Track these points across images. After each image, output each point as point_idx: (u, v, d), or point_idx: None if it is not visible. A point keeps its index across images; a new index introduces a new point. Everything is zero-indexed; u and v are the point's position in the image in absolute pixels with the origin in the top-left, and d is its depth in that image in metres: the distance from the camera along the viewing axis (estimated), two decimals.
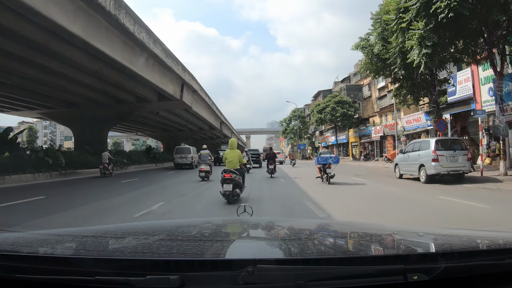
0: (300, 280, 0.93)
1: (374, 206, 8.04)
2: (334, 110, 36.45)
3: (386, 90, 34.37)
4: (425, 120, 25.11)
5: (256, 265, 0.92)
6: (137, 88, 22.71)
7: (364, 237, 1.62)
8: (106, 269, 0.98)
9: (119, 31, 15.33)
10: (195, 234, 1.71)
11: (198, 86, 29.72)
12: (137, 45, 17.20)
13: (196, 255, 1.19)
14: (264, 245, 1.50)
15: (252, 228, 1.88)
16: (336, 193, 10.36)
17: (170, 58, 21.45)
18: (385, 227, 2.21)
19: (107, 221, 6.33)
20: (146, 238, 1.54)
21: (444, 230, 1.75)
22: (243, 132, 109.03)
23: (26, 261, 1.04)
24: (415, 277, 0.96)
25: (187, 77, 25.54)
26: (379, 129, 33.58)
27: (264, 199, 9.23)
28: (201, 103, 33.32)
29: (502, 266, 1.03)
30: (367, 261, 1.11)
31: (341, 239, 1.62)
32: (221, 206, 7.80)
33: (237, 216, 2.25)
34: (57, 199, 9.74)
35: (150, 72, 19.75)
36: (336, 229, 1.93)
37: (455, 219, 6.28)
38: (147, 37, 17.43)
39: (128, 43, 16.55)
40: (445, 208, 7.52)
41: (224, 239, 1.63)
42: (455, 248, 1.23)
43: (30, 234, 1.57)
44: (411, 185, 12.68)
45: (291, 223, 2.25)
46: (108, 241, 1.47)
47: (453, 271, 0.99)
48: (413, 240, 1.53)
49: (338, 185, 12.14)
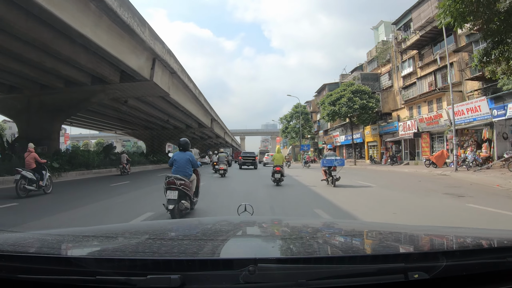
0: (301, 279, 0.92)
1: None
2: (351, 101, 29.08)
3: (415, 77, 27.64)
4: (489, 109, 18.21)
5: (257, 264, 0.92)
6: (88, 61, 15.61)
7: (365, 236, 1.63)
8: (107, 269, 0.98)
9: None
10: (195, 234, 1.70)
11: (178, 66, 22.56)
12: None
13: (197, 255, 1.20)
14: (264, 244, 1.49)
15: (253, 227, 1.89)
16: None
17: (129, 12, 14.25)
18: (386, 226, 2.21)
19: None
20: (146, 238, 1.54)
21: (445, 229, 1.88)
22: (238, 133, 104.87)
23: (27, 261, 1.05)
24: (416, 275, 0.95)
25: (160, 49, 18.33)
26: (411, 124, 26.35)
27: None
28: (183, 90, 26.10)
29: (503, 265, 1.02)
30: (368, 259, 1.10)
31: (342, 238, 1.60)
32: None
33: (238, 215, 2.23)
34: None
35: (92, 25, 12.58)
36: (337, 228, 1.96)
37: None
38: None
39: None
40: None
41: (225, 238, 1.60)
42: (456, 247, 1.29)
43: (31, 234, 1.61)
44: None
45: (291, 222, 2.23)
46: (109, 241, 1.47)
47: (454, 269, 0.99)
48: (414, 238, 1.53)
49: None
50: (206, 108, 37.49)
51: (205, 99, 36.13)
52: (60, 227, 7.71)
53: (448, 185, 11.83)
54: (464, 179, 13.96)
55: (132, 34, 15.16)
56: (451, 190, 10.10)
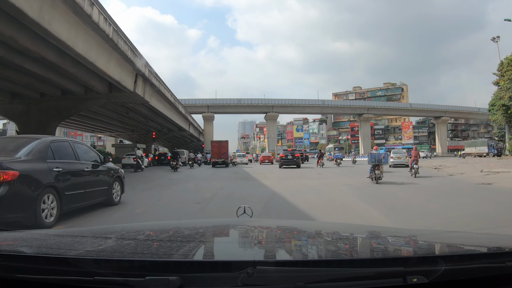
0: (299, 282, 0.93)
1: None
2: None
3: None
4: None
5: (256, 266, 0.92)
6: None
7: (364, 239, 1.64)
8: (105, 269, 0.98)
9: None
10: (194, 235, 1.71)
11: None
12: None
13: (195, 256, 1.23)
14: (263, 246, 1.50)
15: (252, 230, 1.89)
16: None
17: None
18: (385, 229, 2.28)
19: None
20: (145, 239, 1.56)
21: (444, 233, 1.95)
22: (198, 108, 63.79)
23: (26, 261, 1.05)
24: (414, 279, 0.96)
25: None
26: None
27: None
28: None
29: (502, 269, 1.03)
30: (367, 263, 1.10)
31: (340, 241, 1.60)
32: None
33: (237, 217, 2.20)
34: None
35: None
36: (336, 230, 1.93)
37: None
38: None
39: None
40: None
41: (224, 240, 1.65)
42: (455, 251, 1.29)
43: (29, 234, 1.63)
44: None
45: (290, 225, 2.28)
46: (108, 242, 1.47)
47: (453, 274, 0.99)
48: (413, 242, 1.53)
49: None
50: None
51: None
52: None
53: None
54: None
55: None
56: None
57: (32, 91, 23.59)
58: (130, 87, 22.40)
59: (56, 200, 5.66)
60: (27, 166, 5.36)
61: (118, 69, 19.93)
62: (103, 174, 7.47)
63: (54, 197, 5.64)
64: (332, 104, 74.82)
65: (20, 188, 5.11)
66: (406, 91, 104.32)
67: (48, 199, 5.50)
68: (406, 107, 78.09)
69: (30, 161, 5.51)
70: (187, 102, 59.60)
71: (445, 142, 77.77)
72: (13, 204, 4.97)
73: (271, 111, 66.28)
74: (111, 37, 16.68)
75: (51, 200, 5.56)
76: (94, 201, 7.07)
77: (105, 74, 18.76)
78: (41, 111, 24.98)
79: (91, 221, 6.17)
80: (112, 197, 7.70)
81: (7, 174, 4.86)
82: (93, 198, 7.04)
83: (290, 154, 26.76)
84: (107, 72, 18.56)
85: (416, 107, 76.40)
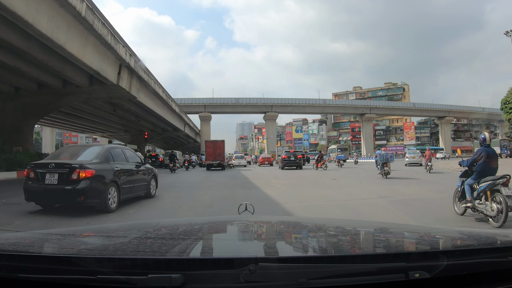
0: (301, 278, 0.93)
1: None
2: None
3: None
4: None
5: (258, 263, 0.92)
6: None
7: (365, 235, 1.63)
8: (108, 268, 0.98)
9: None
10: (196, 233, 1.70)
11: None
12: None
13: (198, 254, 1.25)
14: (265, 243, 1.50)
15: (254, 227, 1.88)
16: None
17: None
18: (387, 225, 2.19)
19: None
20: (147, 237, 1.55)
21: (446, 228, 1.95)
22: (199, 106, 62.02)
23: (28, 260, 1.04)
24: (416, 274, 0.95)
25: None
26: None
27: None
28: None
29: (504, 264, 1.03)
30: (369, 259, 1.09)
31: (342, 237, 1.59)
32: None
33: (239, 214, 2.21)
34: None
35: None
36: (338, 227, 1.93)
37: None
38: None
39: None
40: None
41: (226, 237, 1.66)
42: (456, 246, 1.29)
43: (31, 233, 1.75)
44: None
45: (292, 222, 2.28)
46: (110, 240, 1.48)
47: (454, 269, 0.99)
48: (415, 238, 1.53)
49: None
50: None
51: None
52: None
53: None
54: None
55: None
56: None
57: (4, 85, 21.13)
58: (113, 79, 19.88)
59: (117, 191, 7.42)
60: (98, 166, 7.06)
61: (96, 56, 17.37)
62: (143, 172, 9.03)
63: (115, 189, 7.40)
64: (333, 104, 72.41)
65: (95, 182, 6.78)
66: (407, 91, 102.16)
67: (112, 190, 7.25)
68: (410, 107, 75.70)
69: (100, 163, 7.22)
70: (183, 101, 57.22)
71: (449, 142, 75.52)
72: (92, 193, 6.69)
73: (270, 110, 63.56)
74: (83, 15, 14.13)
75: (113, 191, 7.32)
76: (139, 193, 8.80)
77: (80, 61, 16.20)
78: (17, 108, 22.57)
79: (141, 209, 7.84)
80: (150, 191, 9.32)
81: (87, 172, 6.66)
82: (138, 191, 8.78)
83: (292, 156, 26.99)
84: (82, 59, 15.99)
85: (420, 107, 74.11)
